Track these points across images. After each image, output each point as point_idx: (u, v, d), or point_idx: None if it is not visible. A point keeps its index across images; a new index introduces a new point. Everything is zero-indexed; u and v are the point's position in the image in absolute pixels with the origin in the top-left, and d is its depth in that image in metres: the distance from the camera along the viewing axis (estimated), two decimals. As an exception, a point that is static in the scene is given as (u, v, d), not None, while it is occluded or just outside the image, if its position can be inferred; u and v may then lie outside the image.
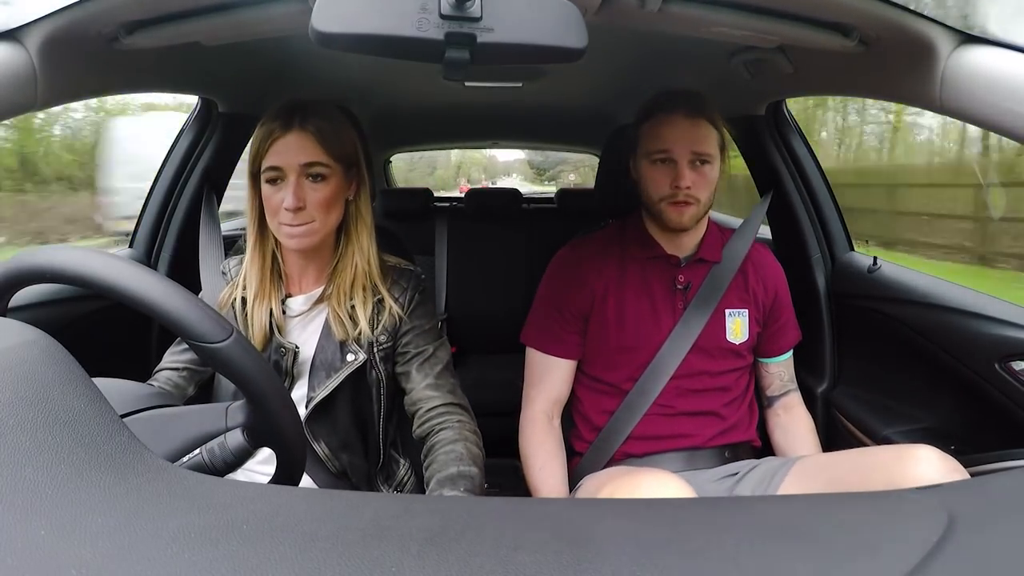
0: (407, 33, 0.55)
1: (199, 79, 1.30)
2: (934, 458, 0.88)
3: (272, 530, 0.35)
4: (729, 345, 1.18)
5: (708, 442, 1.16)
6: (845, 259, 1.48)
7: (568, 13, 0.58)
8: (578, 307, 1.19)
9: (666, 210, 1.12)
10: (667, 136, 1.11)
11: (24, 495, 0.33)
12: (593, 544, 0.36)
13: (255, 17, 0.80)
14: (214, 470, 0.61)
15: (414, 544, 0.35)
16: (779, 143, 1.50)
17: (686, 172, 1.09)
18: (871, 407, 1.33)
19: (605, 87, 1.89)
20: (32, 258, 0.56)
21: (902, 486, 0.84)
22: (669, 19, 0.79)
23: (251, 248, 1.01)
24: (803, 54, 1.06)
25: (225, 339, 0.55)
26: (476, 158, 24.22)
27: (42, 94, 0.78)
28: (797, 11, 0.79)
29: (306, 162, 0.93)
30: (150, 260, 1.43)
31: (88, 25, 0.78)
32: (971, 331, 1.10)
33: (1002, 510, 0.41)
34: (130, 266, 0.55)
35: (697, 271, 1.19)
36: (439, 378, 1.03)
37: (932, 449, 0.90)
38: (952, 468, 0.87)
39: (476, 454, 0.97)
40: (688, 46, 1.21)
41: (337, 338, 1.00)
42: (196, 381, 1.04)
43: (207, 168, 1.45)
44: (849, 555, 0.36)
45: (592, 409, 1.20)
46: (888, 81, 0.87)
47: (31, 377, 0.40)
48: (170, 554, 0.32)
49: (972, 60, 0.73)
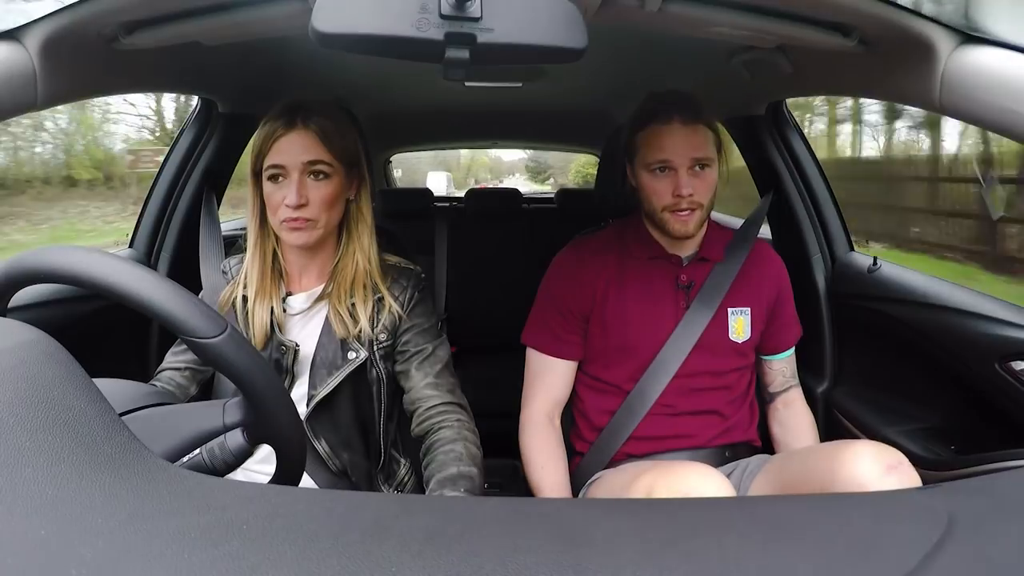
0: (407, 33, 0.55)
1: (199, 79, 1.30)
2: (869, 454, 0.86)
3: (272, 530, 0.35)
4: (732, 344, 1.18)
5: (709, 442, 1.16)
6: (845, 259, 1.48)
7: (568, 13, 0.58)
8: (579, 307, 1.19)
9: (669, 220, 1.12)
10: (666, 146, 1.10)
11: (24, 495, 0.33)
12: (593, 544, 0.36)
13: (255, 17, 0.80)
14: (214, 470, 0.61)
15: (414, 544, 0.35)
16: (779, 143, 1.50)
17: (687, 180, 1.09)
18: (871, 407, 1.33)
19: (605, 87, 1.89)
20: (28, 258, 0.56)
21: (840, 485, 0.84)
22: (669, 19, 0.79)
23: (252, 246, 1.01)
24: (803, 54, 1.06)
25: (218, 334, 0.55)
26: (482, 160, 24.75)
27: (42, 94, 0.78)
28: (797, 11, 0.79)
29: (309, 160, 0.94)
30: (150, 260, 1.43)
31: (88, 25, 0.78)
32: (971, 331, 1.10)
33: (1002, 510, 0.41)
34: (125, 264, 0.55)
35: (699, 270, 1.19)
36: (439, 377, 1.03)
37: (869, 444, 0.89)
38: (891, 464, 0.85)
39: (475, 454, 0.97)
40: (688, 46, 1.21)
41: (337, 336, 1.00)
42: (198, 380, 1.04)
43: (207, 168, 1.45)
44: (849, 555, 0.36)
45: (593, 409, 1.20)
46: (888, 81, 0.87)
47: (31, 377, 0.40)
48: (170, 554, 0.32)
49: (972, 60, 0.73)
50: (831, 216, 1.51)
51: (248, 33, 0.89)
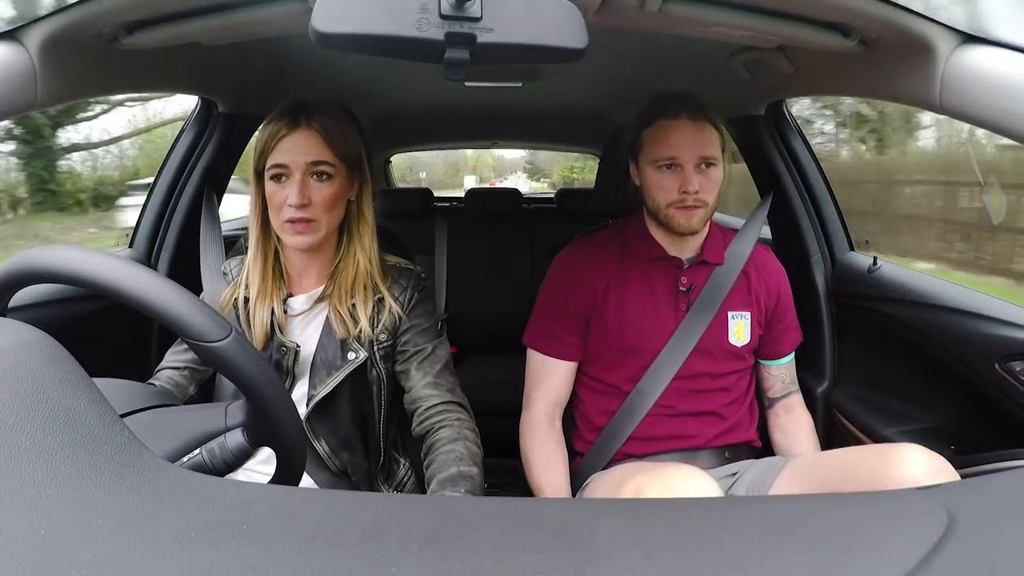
0: (407, 33, 0.55)
1: (199, 79, 1.30)
2: (918, 457, 0.87)
3: (272, 530, 0.35)
4: (731, 347, 1.18)
5: (709, 443, 1.16)
6: (845, 259, 1.48)
7: (568, 13, 0.58)
8: (579, 308, 1.19)
9: (674, 215, 1.12)
10: (673, 142, 1.10)
11: (24, 495, 0.33)
12: (593, 544, 0.36)
13: (255, 17, 0.80)
14: (214, 470, 0.61)
15: (414, 544, 0.35)
16: (779, 143, 1.50)
17: (694, 177, 1.09)
18: (871, 407, 1.33)
19: (605, 87, 1.89)
20: (31, 258, 0.56)
21: (886, 486, 0.84)
22: (669, 19, 0.79)
23: (253, 247, 1.01)
24: (803, 54, 1.06)
25: (224, 338, 0.55)
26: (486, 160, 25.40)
27: (42, 94, 0.78)
28: (797, 11, 0.79)
29: (312, 160, 0.94)
30: (150, 260, 1.43)
31: (88, 25, 0.78)
32: (971, 331, 1.10)
33: (1002, 510, 0.41)
34: (129, 266, 0.55)
35: (700, 273, 1.19)
36: (439, 377, 1.03)
37: (918, 448, 0.88)
38: (938, 467, 0.85)
39: (476, 453, 0.97)
40: (688, 46, 1.21)
41: (338, 336, 1.00)
42: (197, 380, 1.04)
43: (207, 168, 1.45)
44: (849, 555, 0.36)
45: (593, 409, 1.20)
46: (888, 81, 0.87)
47: (31, 377, 0.40)
48: (170, 554, 0.32)
49: (972, 60, 0.73)
50: (831, 216, 1.51)
51: (248, 33, 0.89)
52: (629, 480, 0.91)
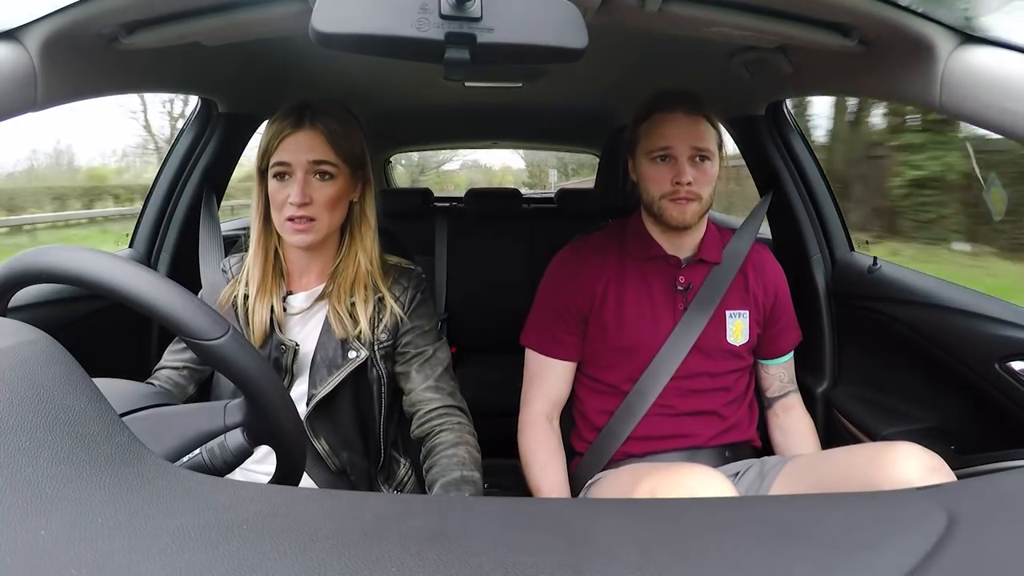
0: (407, 33, 0.55)
1: (199, 79, 1.30)
2: (914, 456, 0.87)
3: (272, 530, 0.35)
4: (729, 347, 1.18)
5: (708, 442, 1.16)
6: (845, 259, 1.48)
7: (568, 13, 0.58)
8: (577, 308, 1.19)
9: (667, 208, 1.12)
10: (667, 133, 1.11)
11: (24, 495, 0.33)
12: (593, 544, 0.36)
13: (255, 17, 0.80)
14: (214, 470, 0.61)
15: (414, 544, 0.35)
16: (779, 143, 1.50)
17: (687, 168, 1.10)
18: (871, 407, 1.33)
19: (605, 87, 1.89)
20: (30, 258, 0.56)
21: (883, 484, 0.84)
22: (669, 19, 0.79)
23: (254, 244, 1.02)
24: (803, 54, 1.06)
25: (221, 336, 0.55)
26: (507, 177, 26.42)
27: (42, 94, 0.78)
28: (797, 11, 0.79)
29: (314, 159, 0.95)
30: (150, 260, 1.43)
31: (88, 25, 0.78)
32: (971, 331, 1.10)
33: (1002, 510, 0.41)
34: (127, 265, 0.55)
35: (697, 272, 1.19)
36: (439, 380, 1.03)
37: (914, 446, 0.89)
38: (934, 466, 0.86)
39: (476, 458, 0.98)
40: (688, 46, 1.21)
41: (338, 336, 1.00)
42: (196, 379, 1.05)
43: (207, 168, 1.45)
44: (849, 555, 0.36)
45: (592, 409, 1.20)
46: (888, 81, 0.87)
47: (31, 377, 0.40)
48: (170, 554, 0.32)
49: (972, 60, 0.73)
50: (831, 216, 1.51)
51: (248, 33, 0.89)
52: (643, 480, 0.90)
